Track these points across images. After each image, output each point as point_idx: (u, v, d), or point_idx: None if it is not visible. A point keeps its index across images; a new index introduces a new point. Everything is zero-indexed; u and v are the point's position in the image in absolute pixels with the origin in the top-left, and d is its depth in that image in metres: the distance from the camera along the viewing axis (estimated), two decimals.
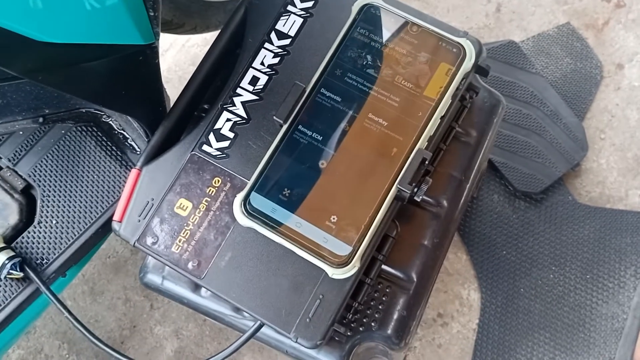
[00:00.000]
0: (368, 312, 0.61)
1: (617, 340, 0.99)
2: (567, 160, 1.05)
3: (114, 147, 0.75)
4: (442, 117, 0.55)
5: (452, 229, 0.64)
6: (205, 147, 0.60)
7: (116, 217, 0.59)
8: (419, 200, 0.55)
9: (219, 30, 0.63)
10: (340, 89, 0.56)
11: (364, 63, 0.57)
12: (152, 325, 1.05)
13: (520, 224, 1.06)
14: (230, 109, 0.60)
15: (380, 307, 0.61)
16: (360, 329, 0.61)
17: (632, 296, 1.01)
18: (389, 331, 0.61)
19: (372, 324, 0.61)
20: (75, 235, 0.72)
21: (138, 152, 0.75)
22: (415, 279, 0.62)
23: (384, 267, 0.61)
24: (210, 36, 1.07)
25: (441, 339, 1.02)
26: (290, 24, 0.62)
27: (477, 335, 1.01)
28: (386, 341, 0.61)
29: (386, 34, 0.57)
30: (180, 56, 1.22)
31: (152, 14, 0.51)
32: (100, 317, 1.07)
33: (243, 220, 0.54)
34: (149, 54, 0.56)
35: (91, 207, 0.73)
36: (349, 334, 0.60)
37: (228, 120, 0.60)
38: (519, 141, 1.06)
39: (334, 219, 0.53)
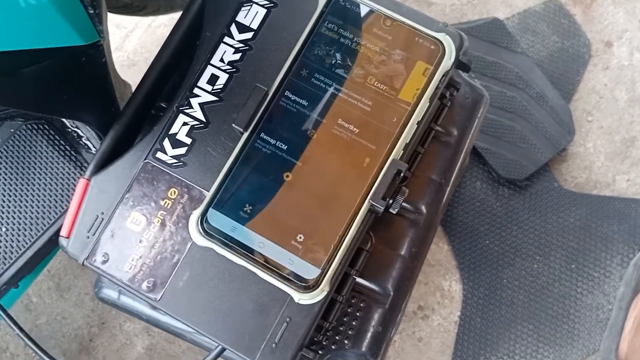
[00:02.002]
0: (341, 329, 0.57)
1: (602, 332, 0.96)
2: (553, 145, 1.00)
3: (67, 147, 0.69)
4: (419, 122, 0.50)
5: (431, 235, 0.60)
6: (159, 155, 0.54)
7: (63, 232, 0.54)
8: (394, 212, 0.50)
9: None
10: (306, 92, 0.51)
11: (333, 62, 0.51)
12: (121, 322, 1.01)
13: (504, 212, 1.02)
14: (186, 111, 0.55)
15: (353, 323, 0.57)
16: (333, 347, 0.57)
17: (617, 286, 0.98)
18: (364, 348, 0.57)
19: (345, 341, 0.57)
20: (27, 243, 0.67)
21: (94, 152, 0.69)
22: (391, 292, 0.57)
23: (358, 279, 0.57)
24: (178, 15, 1.00)
25: (422, 332, 0.99)
26: (252, 16, 0.56)
27: (458, 328, 0.98)
28: (360, 359, 0.57)
29: (357, 29, 0.51)
30: (146, 37, 1.15)
31: (92, 11, 0.45)
32: (67, 314, 1.02)
33: (200, 240, 0.49)
34: (93, 54, 0.50)
35: (44, 212, 0.68)
36: (320, 352, 0.56)
37: (185, 124, 0.54)
38: (503, 125, 1.01)
39: (300, 238, 0.48)
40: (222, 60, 0.55)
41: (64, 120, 0.69)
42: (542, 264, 0.99)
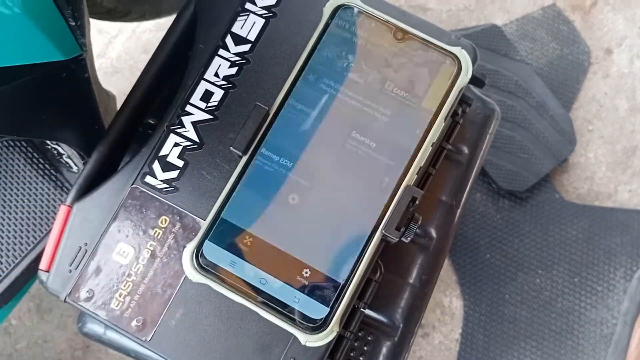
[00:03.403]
0: None
1: (606, 347, 0.93)
2: (554, 155, 0.97)
3: (47, 165, 0.64)
4: (434, 144, 0.46)
5: (442, 260, 0.56)
6: (148, 179, 0.49)
7: (42, 265, 0.49)
8: (407, 241, 0.46)
9: (173, 16, 0.52)
10: (311, 111, 0.46)
11: (339, 78, 0.47)
12: None
13: (505, 224, 0.98)
14: (178, 131, 0.50)
15: (361, 358, 0.53)
16: None
17: (622, 300, 0.95)
18: None
19: None
20: (3, 272, 0.62)
21: (75, 171, 0.64)
22: (401, 324, 0.53)
23: (366, 312, 0.52)
24: (164, 20, 0.95)
25: (422, 351, 0.95)
26: (249, 27, 0.51)
27: (460, 346, 0.95)
28: None
29: (365, 43, 0.47)
30: (130, 43, 1.09)
31: (73, 23, 0.40)
32: (49, 337, 0.97)
33: (195, 276, 0.44)
34: (74, 69, 0.45)
35: (22, 238, 0.63)
36: None
37: (176, 144, 0.50)
38: (503, 135, 0.98)
39: (307, 272, 0.44)
40: (216, 74, 0.50)
41: None
42: (545, 278, 0.96)
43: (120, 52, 1.10)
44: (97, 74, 0.87)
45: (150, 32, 1.10)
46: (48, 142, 0.64)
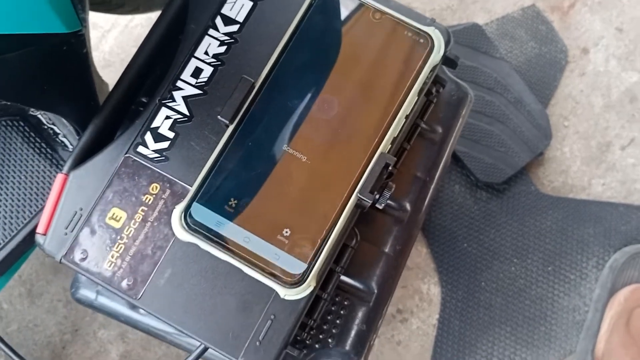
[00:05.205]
0: (324, 327, 0.56)
1: (578, 333, 0.97)
2: (531, 149, 1.01)
3: (43, 144, 0.67)
4: (407, 116, 0.50)
5: (415, 233, 0.60)
6: (141, 149, 0.53)
7: (40, 229, 0.52)
8: (381, 207, 0.50)
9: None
10: (294, 84, 0.50)
11: (320, 54, 0.51)
12: (95, 329, 0.98)
13: (482, 215, 1.02)
14: (169, 104, 0.53)
15: (337, 321, 0.56)
16: (316, 346, 0.56)
17: (593, 288, 0.99)
18: (347, 347, 0.56)
19: (329, 340, 0.56)
20: (1, 244, 0.65)
21: (71, 150, 0.67)
22: (375, 290, 0.57)
23: (342, 277, 0.56)
24: (156, 15, 0.99)
25: (400, 336, 0.98)
26: (238, 8, 0.55)
27: (437, 331, 0.98)
28: (344, 358, 0.56)
29: (345, 22, 0.51)
30: (123, 37, 1.13)
31: None
32: (39, 321, 0.99)
33: (183, 235, 0.48)
34: (74, 44, 0.48)
35: (17, 212, 0.65)
36: (304, 351, 0.55)
37: (167, 117, 0.53)
38: (481, 129, 1.02)
39: (286, 232, 0.48)
40: (206, 53, 0.54)
41: (39, 116, 0.67)
42: (520, 267, 1.00)
43: (112, 46, 1.13)
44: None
45: (143, 27, 1.14)
46: (44, 122, 0.67)
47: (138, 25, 1.14)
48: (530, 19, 1.08)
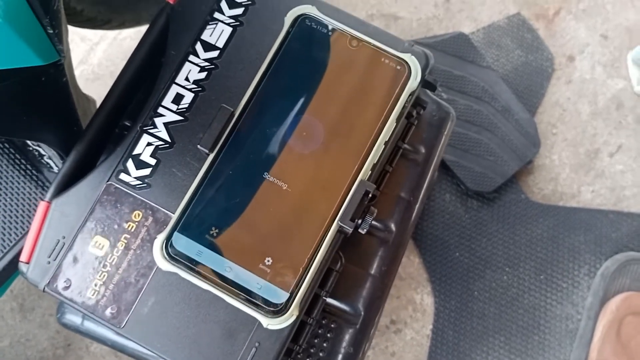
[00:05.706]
0: (311, 351, 0.56)
1: (571, 342, 0.97)
2: (520, 157, 1.01)
3: (28, 166, 0.67)
4: (387, 142, 0.50)
5: (401, 253, 0.60)
6: (123, 176, 0.53)
7: (23, 257, 0.52)
8: (363, 232, 0.50)
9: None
10: (273, 112, 0.50)
11: (299, 82, 0.51)
12: (88, 343, 0.98)
13: (473, 224, 1.02)
14: (151, 131, 0.53)
15: (324, 345, 0.56)
16: None
17: (586, 296, 0.99)
18: None
19: None
20: None
21: (56, 171, 0.67)
22: (362, 312, 0.57)
23: (328, 300, 0.56)
24: (145, 28, 0.99)
25: (394, 347, 0.98)
26: (218, 34, 0.55)
27: (431, 341, 0.98)
28: None
29: (323, 49, 0.51)
30: (112, 50, 1.13)
31: (51, 31, 0.43)
32: (31, 336, 0.99)
33: (164, 265, 0.48)
34: (53, 73, 0.48)
35: (4, 234, 0.65)
36: None
37: (149, 144, 0.53)
38: (470, 138, 1.02)
39: (268, 261, 0.48)
40: (187, 79, 0.54)
41: None
42: (512, 276, 1.00)
43: (101, 59, 1.13)
44: (79, 80, 0.90)
45: (132, 40, 1.14)
46: (29, 143, 0.67)
47: (127, 38, 1.14)
48: (515, 27, 1.08)
